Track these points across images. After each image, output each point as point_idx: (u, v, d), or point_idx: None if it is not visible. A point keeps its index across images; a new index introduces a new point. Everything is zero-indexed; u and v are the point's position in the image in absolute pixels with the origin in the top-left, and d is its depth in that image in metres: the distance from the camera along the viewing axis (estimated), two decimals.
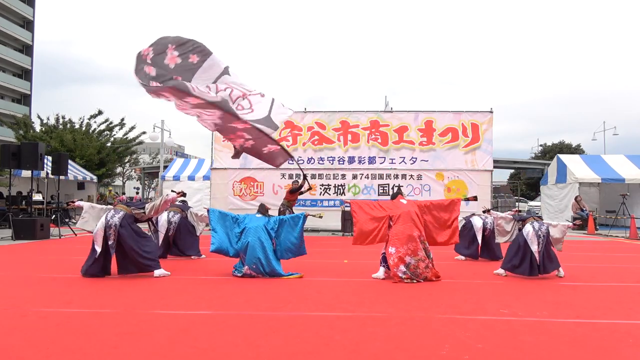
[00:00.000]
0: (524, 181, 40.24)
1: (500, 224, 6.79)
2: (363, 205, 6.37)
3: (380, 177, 14.06)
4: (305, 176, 11.61)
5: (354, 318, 3.98)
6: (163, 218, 7.92)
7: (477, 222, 8.05)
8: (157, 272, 5.94)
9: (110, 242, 5.83)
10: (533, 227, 6.09)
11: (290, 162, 10.82)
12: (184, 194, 8.47)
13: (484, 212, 8.55)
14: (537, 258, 5.94)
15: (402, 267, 5.70)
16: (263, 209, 6.55)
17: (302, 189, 11.84)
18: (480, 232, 7.98)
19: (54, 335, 3.41)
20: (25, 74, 46.99)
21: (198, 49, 7.35)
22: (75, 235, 12.08)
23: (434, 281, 5.77)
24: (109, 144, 23.83)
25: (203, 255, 7.96)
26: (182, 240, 7.98)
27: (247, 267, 5.93)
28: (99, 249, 5.81)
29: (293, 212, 11.43)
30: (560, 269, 6.15)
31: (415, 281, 5.67)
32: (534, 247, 5.97)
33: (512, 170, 44.16)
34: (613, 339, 3.45)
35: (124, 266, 5.98)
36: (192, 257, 7.89)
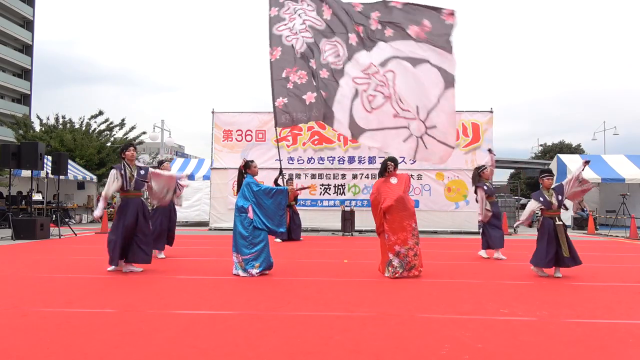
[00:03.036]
0: (524, 181, 40.21)
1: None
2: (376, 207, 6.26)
3: None
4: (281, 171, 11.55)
5: (354, 318, 3.98)
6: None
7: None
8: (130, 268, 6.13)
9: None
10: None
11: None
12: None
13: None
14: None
15: (391, 256, 5.92)
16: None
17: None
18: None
19: (54, 335, 3.41)
20: (25, 74, 47.01)
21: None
22: (75, 235, 12.08)
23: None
24: (109, 144, 23.81)
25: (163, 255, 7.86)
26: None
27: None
28: (118, 237, 5.99)
29: (291, 210, 11.42)
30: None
31: (402, 271, 5.86)
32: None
33: (512, 170, 44.17)
34: (613, 339, 3.45)
35: (133, 254, 6.14)
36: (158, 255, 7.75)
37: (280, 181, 11.25)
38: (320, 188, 14.29)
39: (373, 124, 6.22)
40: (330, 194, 14.29)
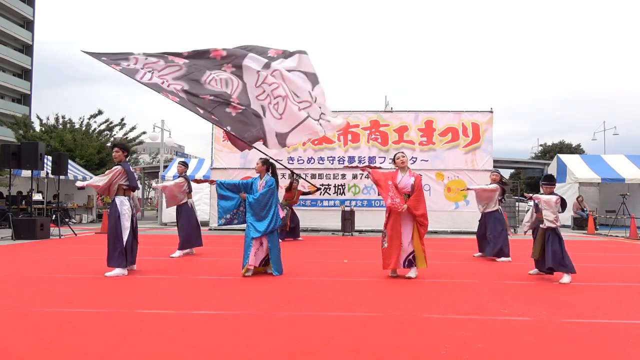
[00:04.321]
0: (524, 181, 40.20)
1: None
2: None
3: None
4: (293, 173, 11.32)
5: (354, 318, 3.98)
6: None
7: None
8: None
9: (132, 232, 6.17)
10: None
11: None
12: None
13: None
14: None
15: None
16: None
17: (303, 190, 11.77)
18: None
19: (54, 335, 3.41)
20: (25, 74, 47.00)
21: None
22: (75, 235, 12.08)
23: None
24: (109, 144, 23.80)
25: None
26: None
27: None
28: (126, 239, 6.00)
29: (291, 211, 11.41)
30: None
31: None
32: None
33: (512, 170, 44.13)
34: (613, 339, 3.45)
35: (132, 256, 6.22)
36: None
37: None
38: (320, 188, 14.28)
39: (289, 124, 6.58)
40: (330, 194, 14.28)
